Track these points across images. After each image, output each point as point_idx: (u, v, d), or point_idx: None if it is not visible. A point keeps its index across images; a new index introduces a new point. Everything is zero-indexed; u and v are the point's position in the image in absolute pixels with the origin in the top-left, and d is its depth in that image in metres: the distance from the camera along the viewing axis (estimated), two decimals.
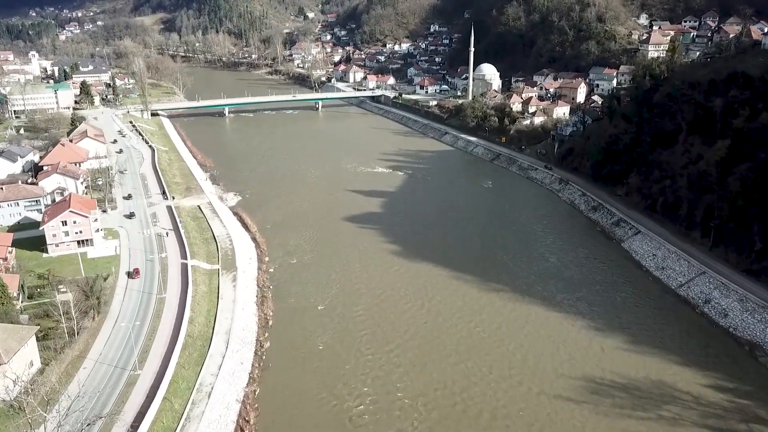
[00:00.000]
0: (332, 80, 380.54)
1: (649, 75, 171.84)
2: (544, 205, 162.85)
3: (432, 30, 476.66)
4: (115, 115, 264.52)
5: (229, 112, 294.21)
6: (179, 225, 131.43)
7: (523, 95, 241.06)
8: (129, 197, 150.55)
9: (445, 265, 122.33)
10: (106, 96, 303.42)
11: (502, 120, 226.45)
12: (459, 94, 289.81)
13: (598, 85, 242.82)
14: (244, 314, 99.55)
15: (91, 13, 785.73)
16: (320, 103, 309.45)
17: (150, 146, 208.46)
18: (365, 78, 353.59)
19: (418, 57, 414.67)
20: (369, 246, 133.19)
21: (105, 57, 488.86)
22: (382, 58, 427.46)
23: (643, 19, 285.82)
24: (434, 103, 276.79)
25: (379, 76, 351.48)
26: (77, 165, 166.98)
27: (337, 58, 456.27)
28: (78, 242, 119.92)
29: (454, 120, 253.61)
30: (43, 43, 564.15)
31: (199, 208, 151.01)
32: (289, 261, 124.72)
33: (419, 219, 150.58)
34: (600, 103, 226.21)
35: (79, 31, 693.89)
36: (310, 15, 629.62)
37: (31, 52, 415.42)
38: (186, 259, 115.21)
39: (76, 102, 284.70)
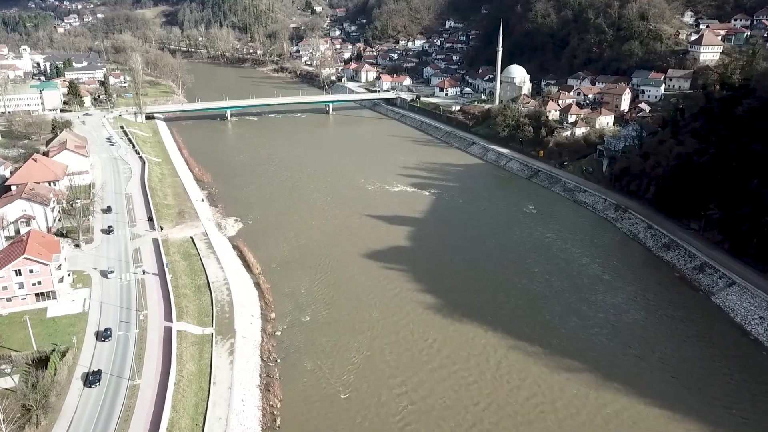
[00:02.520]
0: (343, 80, 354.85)
1: (723, 84, 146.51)
2: (601, 237, 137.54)
3: (447, 26, 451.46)
4: (106, 118, 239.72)
5: (231, 115, 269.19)
6: (166, 268, 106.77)
7: (560, 101, 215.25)
8: (110, 230, 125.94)
9: (496, 322, 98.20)
10: (98, 96, 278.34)
11: (538, 130, 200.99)
12: (483, 98, 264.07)
13: (643, 91, 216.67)
14: (244, 410, 74.92)
15: (92, 5, 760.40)
16: (331, 105, 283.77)
17: (140, 157, 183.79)
18: (379, 78, 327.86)
19: (434, 55, 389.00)
20: (398, 295, 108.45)
21: (103, 51, 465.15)
22: (395, 56, 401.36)
23: (688, 17, 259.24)
24: (457, 108, 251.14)
25: (394, 76, 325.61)
26: (52, 184, 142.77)
27: (346, 55, 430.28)
28: (36, 295, 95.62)
29: (481, 128, 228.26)
30: (39, 36, 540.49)
31: (192, 241, 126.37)
32: (300, 318, 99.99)
33: (455, 256, 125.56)
34: (648, 111, 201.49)
35: (78, 23, 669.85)
36: (318, 9, 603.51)
37: (23, 47, 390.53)
38: (171, 320, 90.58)
39: (65, 103, 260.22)
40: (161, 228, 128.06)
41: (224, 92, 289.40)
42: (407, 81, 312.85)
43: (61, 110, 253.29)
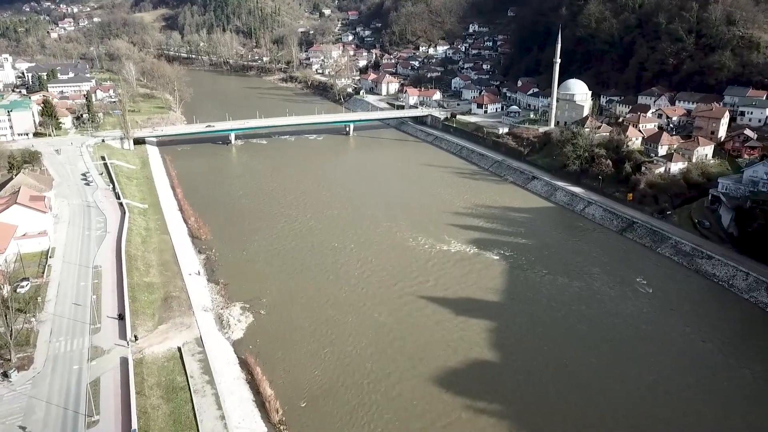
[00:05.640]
0: (361, 92, 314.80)
1: None
2: (762, 340, 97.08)
3: (471, 30, 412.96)
4: (86, 146, 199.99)
5: (236, 138, 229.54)
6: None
7: (641, 126, 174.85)
8: None
9: None
10: (81, 115, 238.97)
11: (618, 164, 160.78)
12: (533, 117, 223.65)
13: (742, 113, 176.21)
14: None
15: (88, 9, 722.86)
16: (352, 126, 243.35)
17: (120, 204, 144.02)
18: (404, 91, 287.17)
19: (460, 63, 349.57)
20: None
21: (96, 59, 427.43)
22: (417, 64, 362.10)
23: None
24: (505, 130, 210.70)
25: (421, 88, 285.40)
26: None
27: (362, 63, 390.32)
28: None
29: (538, 157, 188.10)
30: (29, 42, 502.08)
31: (181, 357, 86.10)
32: None
33: (568, 384, 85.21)
34: (755, 138, 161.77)
35: (73, 28, 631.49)
36: (326, 12, 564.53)
37: (3, 55, 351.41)
38: None
39: (40, 125, 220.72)
40: (135, 338, 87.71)
41: (227, 108, 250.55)
42: (437, 95, 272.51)
43: (35, 134, 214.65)
